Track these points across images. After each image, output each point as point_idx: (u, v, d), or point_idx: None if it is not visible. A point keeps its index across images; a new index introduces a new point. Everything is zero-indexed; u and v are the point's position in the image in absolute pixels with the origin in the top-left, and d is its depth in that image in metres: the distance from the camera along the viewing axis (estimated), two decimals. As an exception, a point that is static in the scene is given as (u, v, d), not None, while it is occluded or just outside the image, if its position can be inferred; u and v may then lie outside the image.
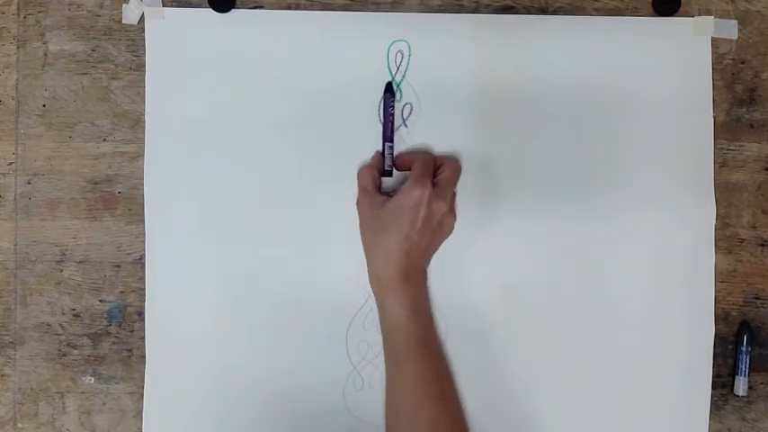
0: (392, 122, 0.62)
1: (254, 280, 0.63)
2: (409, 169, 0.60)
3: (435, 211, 0.58)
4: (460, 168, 0.62)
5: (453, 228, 0.60)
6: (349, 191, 0.63)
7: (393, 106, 0.62)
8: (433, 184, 0.58)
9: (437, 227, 0.59)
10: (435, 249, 0.60)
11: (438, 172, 0.60)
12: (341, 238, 0.63)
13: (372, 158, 0.63)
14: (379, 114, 0.63)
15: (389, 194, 0.61)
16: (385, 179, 0.62)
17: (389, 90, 0.62)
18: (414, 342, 0.56)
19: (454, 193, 0.61)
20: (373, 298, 0.63)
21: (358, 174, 0.62)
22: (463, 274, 0.64)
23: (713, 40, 0.64)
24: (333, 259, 0.63)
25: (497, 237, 0.63)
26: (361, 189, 0.61)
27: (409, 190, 0.58)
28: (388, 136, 0.62)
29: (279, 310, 0.63)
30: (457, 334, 0.63)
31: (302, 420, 0.63)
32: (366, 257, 0.60)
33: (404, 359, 0.56)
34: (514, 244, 0.64)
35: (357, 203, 0.62)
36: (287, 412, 0.63)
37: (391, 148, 0.62)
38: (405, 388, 0.56)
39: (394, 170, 0.62)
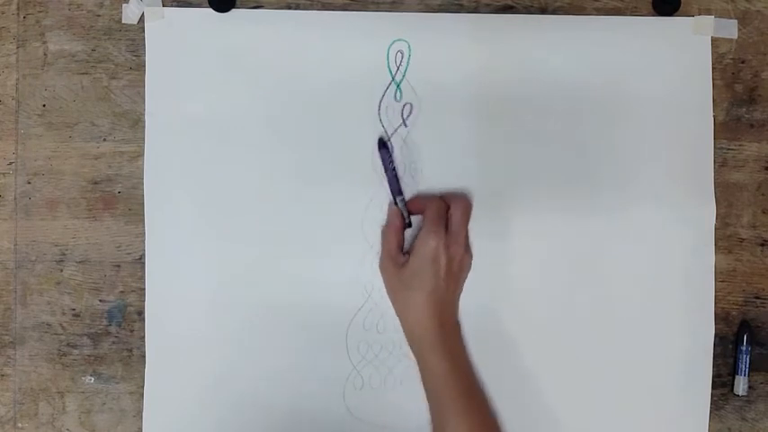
0: (396, 176, 0.61)
1: (254, 280, 0.63)
2: (422, 212, 0.60)
3: (453, 255, 0.58)
4: (471, 206, 0.61)
5: (471, 265, 0.61)
6: (349, 190, 0.63)
7: (392, 161, 0.61)
8: (446, 228, 0.59)
9: (458, 271, 0.59)
10: (461, 292, 0.61)
11: (449, 214, 0.60)
12: (341, 238, 0.63)
13: (390, 218, 0.62)
14: (380, 169, 0.62)
15: (407, 252, 0.60)
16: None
17: (384, 146, 0.62)
18: (457, 394, 0.57)
19: (467, 231, 0.60)
20: (373, 298, 0.63)
21: (383, 236, 0.62)
22: (463, 274, 0.64)
23: (713, 39, 0.64)
24: (333, 259, 0.63)
25: (497, 236, 0.63)
26: (386, 252, 0.61)
27: (425, 242, 0.58)
28: (396, 190, 0.61)
29: (279, 310, 0.63)
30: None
31: (302, 420, 0.63)
32: (399, 317, 0.60)
33: (448, 412, 0.56)
34: (514, 244, 0.64)
35: (380, 267, 0.62)
36: (287, 412, 0.63)
37: (403, 200, 0.62)
38: None
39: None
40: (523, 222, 0.64)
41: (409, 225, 0.62)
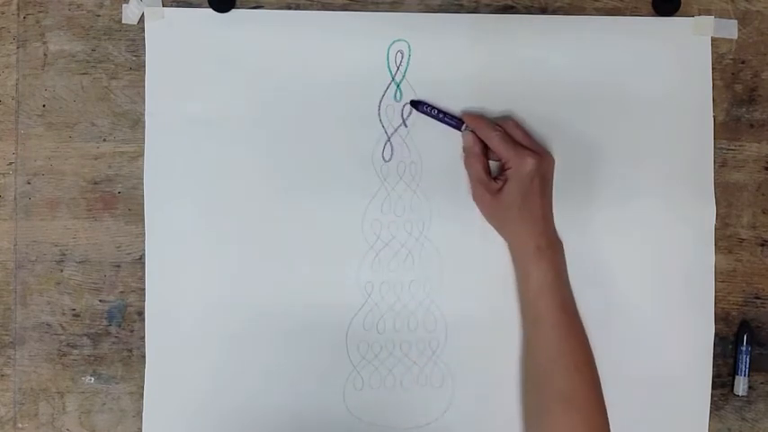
0: (447, 114, 0.62)
1: (254, 279, 0.63)
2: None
3: (545, 168, 0.60)
4: (510, 123, 0.62)
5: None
6: (349, 190, 0.63)
7: (434, 107, 0.62)
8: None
9: (548, 179, 0.61)
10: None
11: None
12: (341, 238, 0.63)
13: (467, 145, 0.62)
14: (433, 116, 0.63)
15: (496, 178, 0.61)
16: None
17: (418, 104, 0.63)
18: (555, 309, 0.58)
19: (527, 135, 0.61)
20: (373, 298, 0.63)
21: (466, 165, 0.62)
22: (462, 274, 0.64)
23: (713, 39, 0.64)
24: (333, 259, 0.63)
25: (496, 236, 0.63)
26: (476, 180, 0.61)
27: (520, 162, 0.59)
28: (456, 124, 0.62)
29: (278, 310, 0.63)
30: (456, 333, 0.63)
31: (302, 420, 0.63)
32: (506, 236, 0.62)
33: (543, 326, 0.58)
34: (514, 244, 0.64)
35: (474, 196, 0.62)
36: (287, 412, 0.63)
37: (467, 127, 0.62)
38: (542, 355, 0.59)
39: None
40: (523, 222, 0.64)
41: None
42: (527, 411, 0.61)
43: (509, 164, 0.59)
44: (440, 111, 0.62)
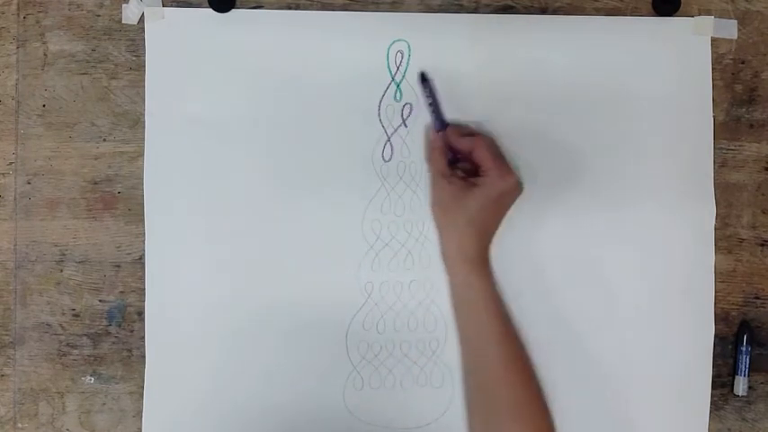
0: (436, 108, 0.61)
1: (254, 279, 0.63)
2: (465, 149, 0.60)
3: (517, 194, 0.59)
4: (491, 140, 0.62)
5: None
6: (349, 190, 0.63)
7: (433, 94, 0.61)
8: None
9: (511, 203, 0.60)
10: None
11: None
12: (341, 238, 0.63)
13: (433, 141, 0.62)
14: (422, 102, 0.62)
15: (462, 177, 0.60)
16: None
17: (425, 80, 0.62)
18: (498, 319, 0.57)
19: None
20: (373, 298, 0.63)
21: (430, 159, 0.62)
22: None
23: (713, 39, 0.64)
24: (333, 259, 0.63)
25: (496, 236, 0.63)
26: (438, 174, 0.60)
27: (503, 181, 0.58)
28: (438, 125, 0.61)
29: (278, 310, 0.63)
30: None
31: (302, 420, 0.63)
32: (442, 234, 0.60)
33: (490, 336, 0.57)
34: (514, 243, 0.64)
35: (433, 190, 0.61)
36: (287, 412, 0.63)
37: (444, 135, 0.61)
38: (489, 368, 0.57)
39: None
40: (522, 222, 0.63)
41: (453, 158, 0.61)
42: (473, 428, 0.59)
43: (488, 173, 0.58)
44: (435, 102, 0.62)
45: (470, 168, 0.60)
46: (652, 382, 0.64)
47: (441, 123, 0.62)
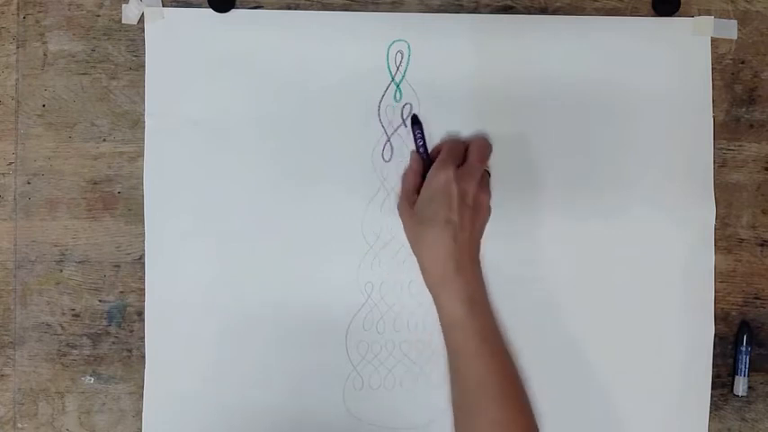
0: (422, 146, 0.62)
1: (254, 280, 0.63)
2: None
3: (466, 189, 0.57)
4: (489, 146, 0.62)
5: (490, 208, 0.60)
6: (349, 190, 0.63)
7: (423, 138, 0.62)
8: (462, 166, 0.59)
9: (474, 207, 0.58)
10: (480, 234, 0.60)
11: (466, 153, 0.60)
12: (341, 238, 0.63)
13: (412, 162, 0.62)
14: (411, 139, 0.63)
15: None
16: None
17: (417, 122, 0.62)
18: (473, 339, 0.56)
19: (487, 173, 0.61)
20: (373, 298, 0.63)
21: (402, 178, 0.62)
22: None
23: (713, 40, 0.64)
24: (333, 259, 0.63)
25: (495, 236, 0.63)
26: (404, 193, 0.61)
27: (434, 174, 0.58)
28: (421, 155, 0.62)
29: (278, 310, 0.63)
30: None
31: (302, 420, 0.63)
32: (415, 255, 0.60)
33: (464, 357, 0.56)
34: (514, 243, 0.64)
35: (398, 207, 0.62)
36: (287, 413, 0.63)
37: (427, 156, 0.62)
38: (466, 387, 0.56)
39: None
40: (522, 223, 0.63)
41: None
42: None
43: (428, 174, 0.59)
44: (425, 144, 0.62)
45: None
46: (652, 382, 0.64)
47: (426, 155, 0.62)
